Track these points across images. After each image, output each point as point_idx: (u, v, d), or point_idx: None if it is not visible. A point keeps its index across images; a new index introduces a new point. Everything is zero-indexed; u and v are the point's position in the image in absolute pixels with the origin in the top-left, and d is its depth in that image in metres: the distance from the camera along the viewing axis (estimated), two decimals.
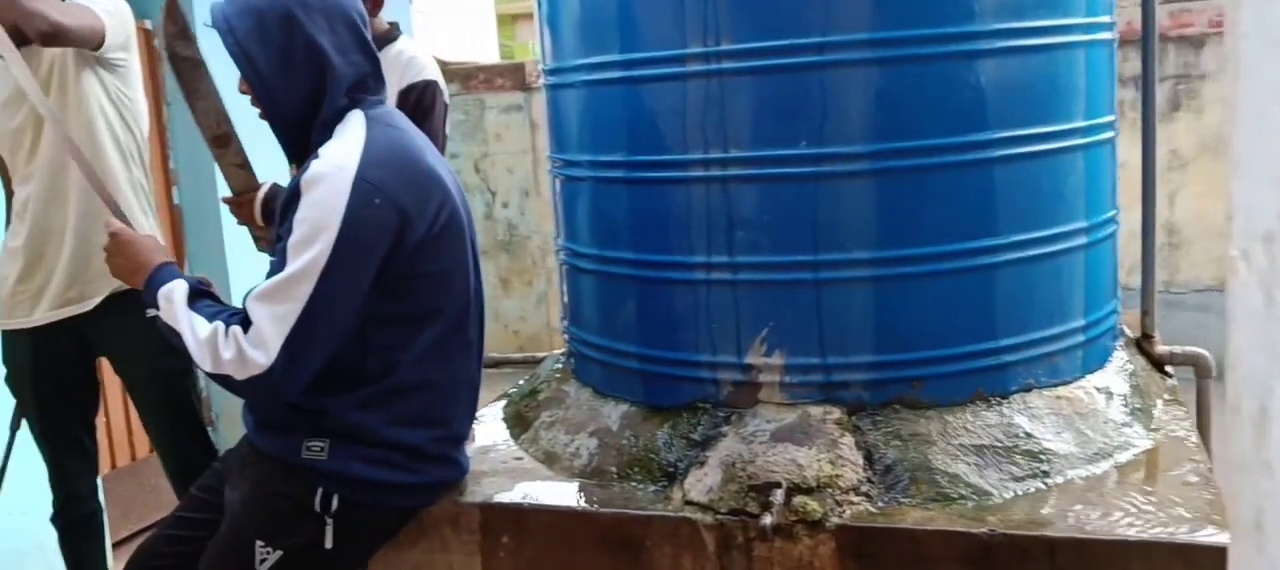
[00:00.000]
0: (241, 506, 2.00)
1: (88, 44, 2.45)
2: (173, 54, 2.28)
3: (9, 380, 2.71)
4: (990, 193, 2.03)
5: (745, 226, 2.05)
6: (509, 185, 5.86)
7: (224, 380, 1.82)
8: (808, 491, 1.90)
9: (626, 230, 2.21)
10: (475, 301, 2.05)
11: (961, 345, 2.05)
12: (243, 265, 4.20)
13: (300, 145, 1.95)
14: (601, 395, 2.36)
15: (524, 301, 5.93)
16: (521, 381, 2.77)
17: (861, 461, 1.96)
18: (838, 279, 2.02)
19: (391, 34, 2.75)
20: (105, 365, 2.78)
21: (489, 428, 2.50)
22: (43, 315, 2.57)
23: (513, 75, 5.78)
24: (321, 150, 1.85)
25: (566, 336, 2.61)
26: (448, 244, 1.95)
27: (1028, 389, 2.09)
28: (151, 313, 1.94)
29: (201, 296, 1.93)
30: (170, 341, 1.89)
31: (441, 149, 2.68)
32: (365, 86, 1.94)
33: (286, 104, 1.89)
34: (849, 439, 2.00)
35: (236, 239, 4.16)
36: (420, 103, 2.64)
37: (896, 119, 1.98)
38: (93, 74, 2.51)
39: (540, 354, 3.01)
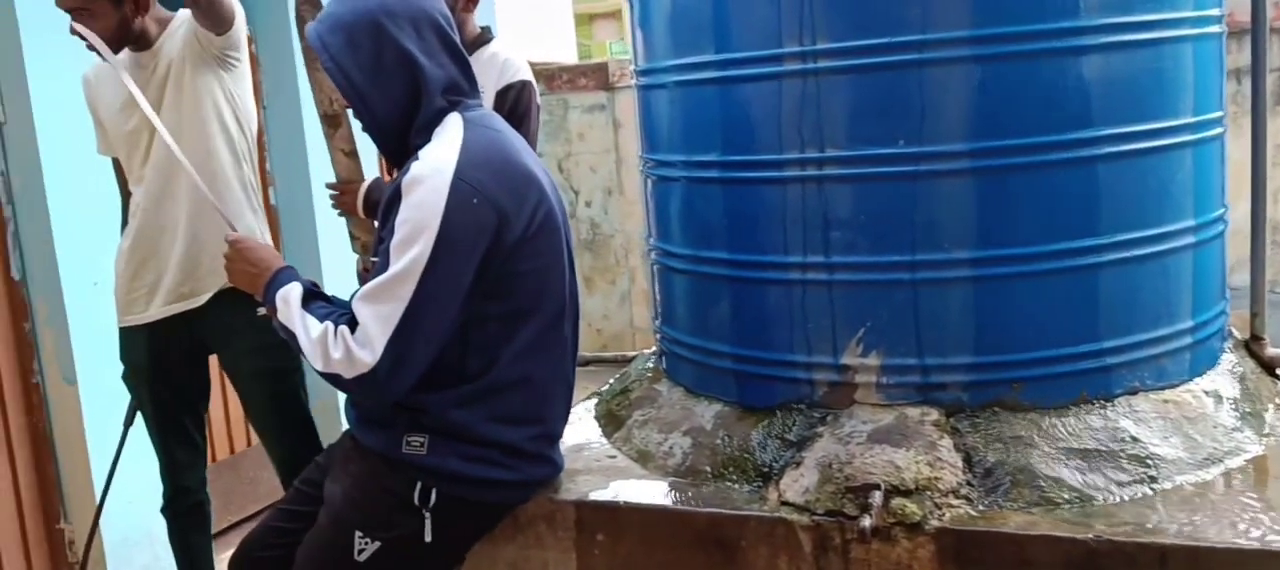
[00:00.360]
0: (342, 498, 2.05)
1: (224, 22, 2.52)
2: (301, 20, 2.35)
3: (125, 376, 2.82)
4: (1094, 191, 1.99)
5: (841, 226, 2.04)
6: (592, 184, 5.90)
7: (334, 379, 1.87)
8: (906, 493, 1.88)
9: (721, 230, 2.21)
10: (571, 300, 2.08)
11: (1064, 346, 2.01)
12: (336, 265, 4.30)
13: (399, 150, 1.99)
14: (694, 394, 2.37)
15: (607, 300, 5.96)
16: (611, 380, 2.80)
17: (961, 464, 1.94)
18: (936, 279, 2.00)
19: (484, 37, 2.79)
20: (212, 360, 2.88)
21: (580, 426, 2.53)
22: (156, 311, 2.68)
23: (596, 75, 5.82)
24: (421, 153, 1.90)
25: (657, 336, 2.63)
26: (544, 243, 1.98)
27: (1133, 392, 2.04)
28: (262, 312, 2.01)
29: (315, 298, 1.99)
30: (287, 343, 1.95)
31: (535, 148, 2.71)
32: (459, 89, 1.97)
33: (382, 111, 1.94)
34: (948, 441, 1.98)
35: (330, 239, 4.27)
36: (517, 104, 2.68)
37: (997, 117, 1.95)
38: (210, 73, 2.60)
39: (629, 353, 3.02)
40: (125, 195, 2.82)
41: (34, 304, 3.50)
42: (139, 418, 2.85)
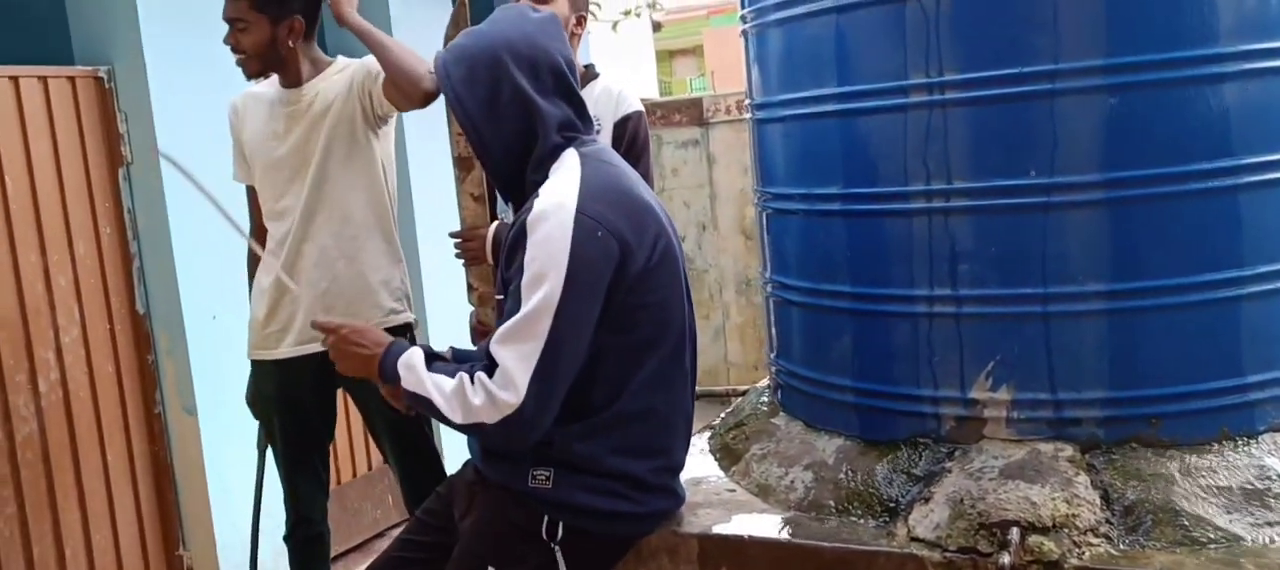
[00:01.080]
0: (472, 532, 2.08)
1: (415, 103, 2.58)
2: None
3: (253, 405, 2.90)
4: (1235, 222, 1.94)
5: (969, 259, 2.02)
6: (686, 219, 5.93)
7: (476, 429, 1.88)
8: (1043, 531, 1.84)
9: (843, 263, 2.21)
10: (689, 331, 2.09)
11: (1204, 382, 1.96)
12: (440, 314, 4.38)
13: (515, 186, 2.03)
14: (813, 428, 2.35)
15: (701, 336, 5.95)
16: (723, 414, 2.80)
17: (1098, 501, 1.90)
18: (1069, 312, 1.97)
19: (590, 74, 2.83)
20: None
21: (697, 460, 2.52)
22: (287, 350, 2.75)
23: (690, 110, 5.87)
24: (541, 190, 1.93)
25: (773, 369, 2.62)
26: (664, 274, 1.99)
27: (1278, 429, 1.98)
28: (387, 389, 1.99)
29: (435, 359, 2.00)
30: (418, 410, 1.95)
31: (651, 179, 2.75)
32: (574, 127, 2.01)
33: (495, 145, 1.98)
34: (1084, 477, 1.93)
35: (437, 291, 4.35)
36: (635, 135, 2.71)
37: (1132, 147, 1.92)
38: (369, 128, 2.69)
39: (742, 387, 3.02)
40: (257, 225, 2.91)
41: (156, 336, 3.64)
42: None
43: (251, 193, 2.89)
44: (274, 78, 2.77)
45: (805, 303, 2.35)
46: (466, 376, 1.89)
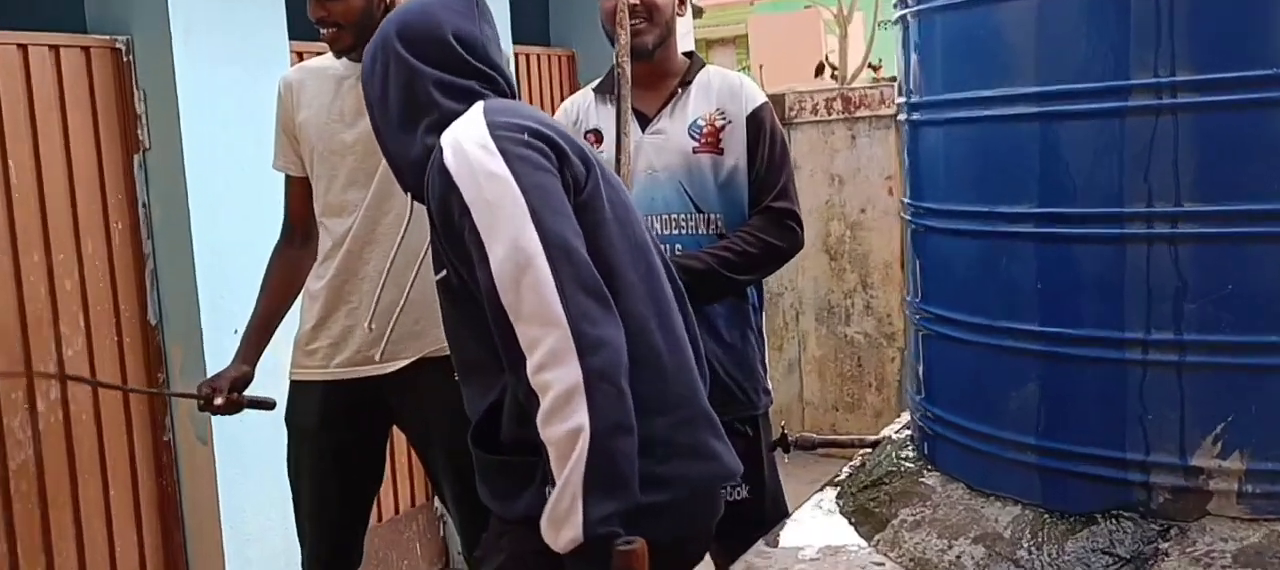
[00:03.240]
0: None
1: None
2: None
3: (290, 432, 2.77)
4: None
5: (1199, 297, 1.90)
6: None
7: (589, 434, 1.65)
8: None
9: (1032, 296, 2.08)
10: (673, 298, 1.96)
11: None
12: None
13: (413, 173, 1.95)
14: (978, 493, 2.23)
15: (773, 368, 5.84)
16: (848, 468, 2.67)
17: None
18: None
19: (696, 63, 2.72)
20: None
21: (825, 521, 2.41)
22: (337, 370, 2.63)
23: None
24: (442, 139, 1.83)
25: (916, 416, 2.50)
26: (606, 229, 1.85)
27: None
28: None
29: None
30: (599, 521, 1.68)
31: (793, 193, 2.64)
32: (475, 95, 1.93)
33: (387, 130, 1.97)
34: None
35: None
36: (774, 132, 2.62)
37: None
38: None
39: (869, 436, 2.90)
40: (295, 221, 2.79)
41: (169, 351, 3.54)
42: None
43: (291, 185, 2.79)
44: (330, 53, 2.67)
45: (974, 341, 2.23)
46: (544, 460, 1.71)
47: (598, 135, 2.66)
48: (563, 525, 1.65)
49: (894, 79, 7.27)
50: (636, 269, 1.86)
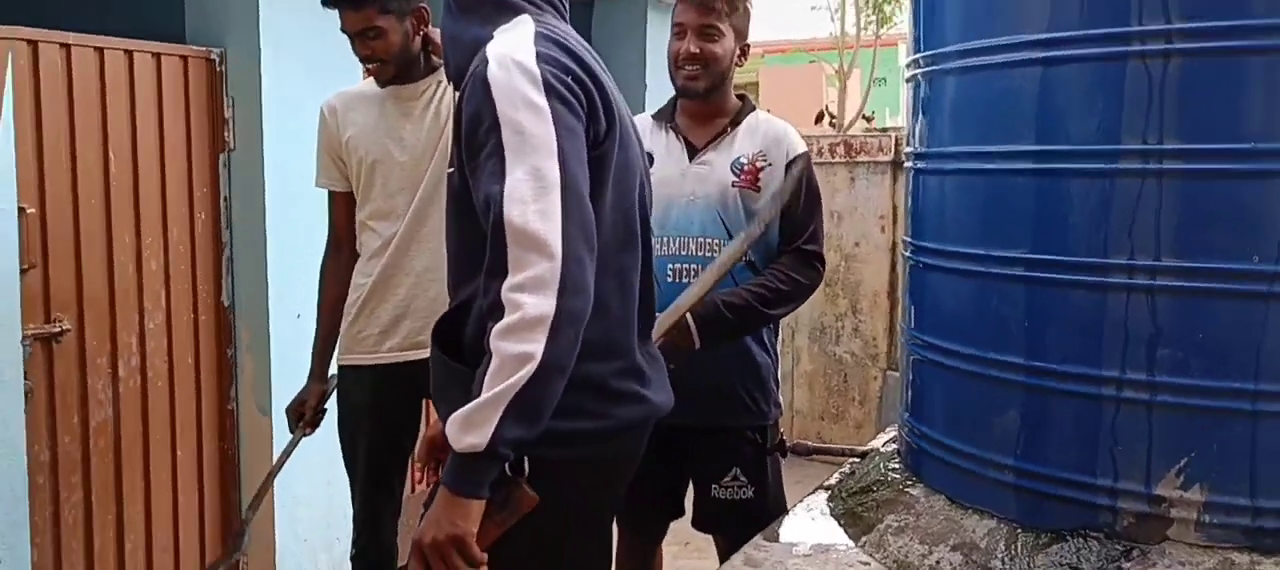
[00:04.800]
0: None
1: None
2: None
3: (342, 416, 2.76)
4: None
5: (1172, 344, 1.86)
6: None
7: (536, 369, 1.48)
8: None
9: (1019, 332, 2.05)
10: (642, 219, 1.82)
11: None
12: None
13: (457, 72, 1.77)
14: (958, 505, 2.19)
15: None
16: (838, 475, 2.64)
17: None
18: None
19: (747, 106, 2.66)
20: None
21: (815, 522, 2.37)
22: (388, 354, 2.61)
23: None
24: (489, 47, 1.66)
25: (904, 431, 2.47)
26: (618, 149, 1.72)
27: None
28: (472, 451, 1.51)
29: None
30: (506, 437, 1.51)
31: (821, 235, 2.60)
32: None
33: (446, 16, 1.80)
34: None
35: None
36: (810, 179, 2.56)
37: None
38: None
39: (859, 447, 2.87)
40: (340, 233, 2.77)
41: (238, 330, 3.52)
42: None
43: (335, 200, 2.75)
44: (364, 78, 2.67)
45: (962, 369, 2.19)
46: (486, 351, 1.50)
47: (649, 157, 2.61)
48: (472, 430, 1.48)
49: (886, 129, 7.25)
50: (615, 228, 1.71)
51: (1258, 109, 1.78)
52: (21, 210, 2.82)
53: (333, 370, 2.80)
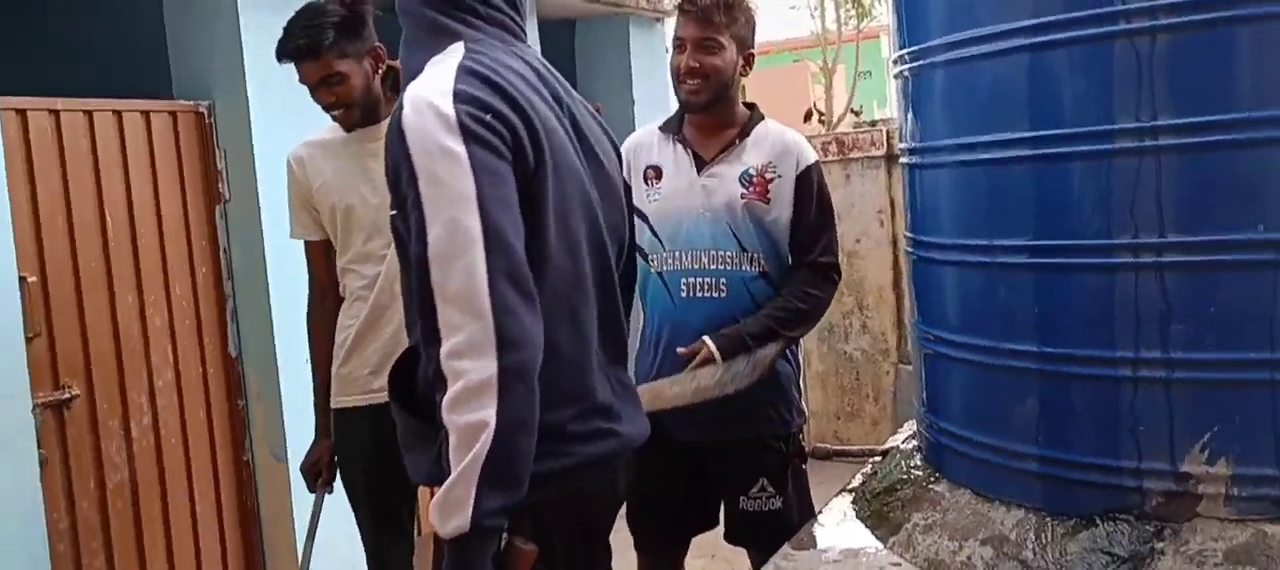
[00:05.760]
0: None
1: None
2: None
3: (341, 460, 2.74)
4: None
5: (1184, 319, 1.86)
6: None
7: (493, 434, 1.42)
8: None
9: (1030, 321, 2.04)
10: (604, 261, 1.71)
11: None
12: None
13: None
14: (984, 498, 2.18)
15: None
16: (861, 475, 2.63)
17: None
18: None
19: (755, 115, 2.61)
20: None
21: (844, 526, 2.36)
22: (380, 394, 2.59)
23: None
24: (411, 85, 1.57)
25: (922, 428, 2.46)
26: (552, 182, 1.59)
27: None
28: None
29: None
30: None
31: (836, 246, 2.59)
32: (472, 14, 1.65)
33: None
34: None
35: None
36: (822, 189, 2.53)
37: None
38: None
39: (878, 446, 2.85)
40: (322, 282, 2.75)
41: (247, 380, 3.52)
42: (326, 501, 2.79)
43: (312, 249, 2.74)
44: (329, 124, 2.65)
45: (978, 361, 2.18)
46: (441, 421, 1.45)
47: (657, 171, 2.58)
48: (453, 514, 1.43)
49: (875, 123, 7.24)
50: (562, 269, 1.61)
51: (1247, 78, 1.78)
52: (22, 280, 2.82)
53: None
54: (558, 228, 1.59)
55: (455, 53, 1.59)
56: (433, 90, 1.51)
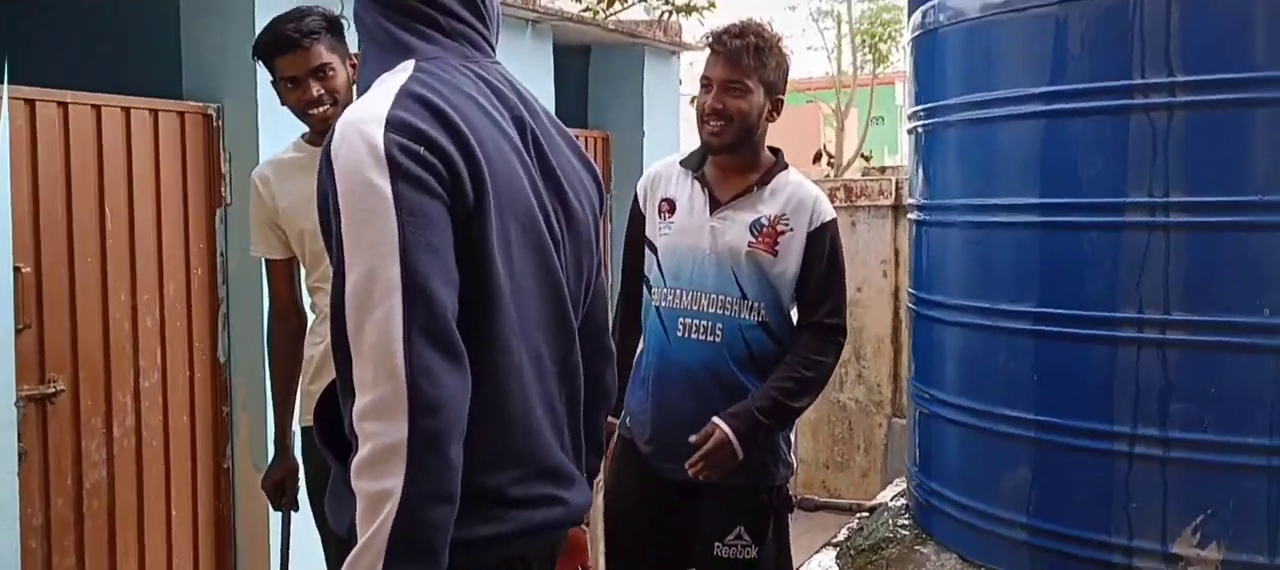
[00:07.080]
0: None
1: None
2: None
3: (309, 480, 2.73)
4: None
5: (1184, 398, 1.86)
6: None
7: (399, 503, 1.30)
8: None
9: (1028, 388, 2.05)
10: (563, 312, 1.56)
11: None
12: None
13: None
14: (970, 563, 2.18)
15: None
16: (846, 531, 2.62)
17: None
18: None
19: (779, 163, 2.55)
20: None
21: None
22: None
23: None
24: (350, 106, 1.47)
25: (913, 486, 2.45)
26: (492, 223, 1.44)
27: None
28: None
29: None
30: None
31: (844, 305, 2.54)
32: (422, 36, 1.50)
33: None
34: None
35: None
36: (836, 249, 2.45)
37: None
38: None
39: (866, 502, 2.84)
40: (282, 301, 2.71)
41: (234, 388, 3.50)
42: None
43: (273, 268, 2.69)
44: (294, 141, 2.65)
45: (973, 425, 2.19)
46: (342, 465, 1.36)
47: (671, 205, 2.54)
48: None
49: (884, 169, 7.23)
50: (507, 312, 1.46)
51: (1261, 161, 1.79)
52: (16, 270, 2.81)
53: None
54: (504, 270, 1.45)
55: (402, 72, 1.46)
56: (366, 116, 1.39)
